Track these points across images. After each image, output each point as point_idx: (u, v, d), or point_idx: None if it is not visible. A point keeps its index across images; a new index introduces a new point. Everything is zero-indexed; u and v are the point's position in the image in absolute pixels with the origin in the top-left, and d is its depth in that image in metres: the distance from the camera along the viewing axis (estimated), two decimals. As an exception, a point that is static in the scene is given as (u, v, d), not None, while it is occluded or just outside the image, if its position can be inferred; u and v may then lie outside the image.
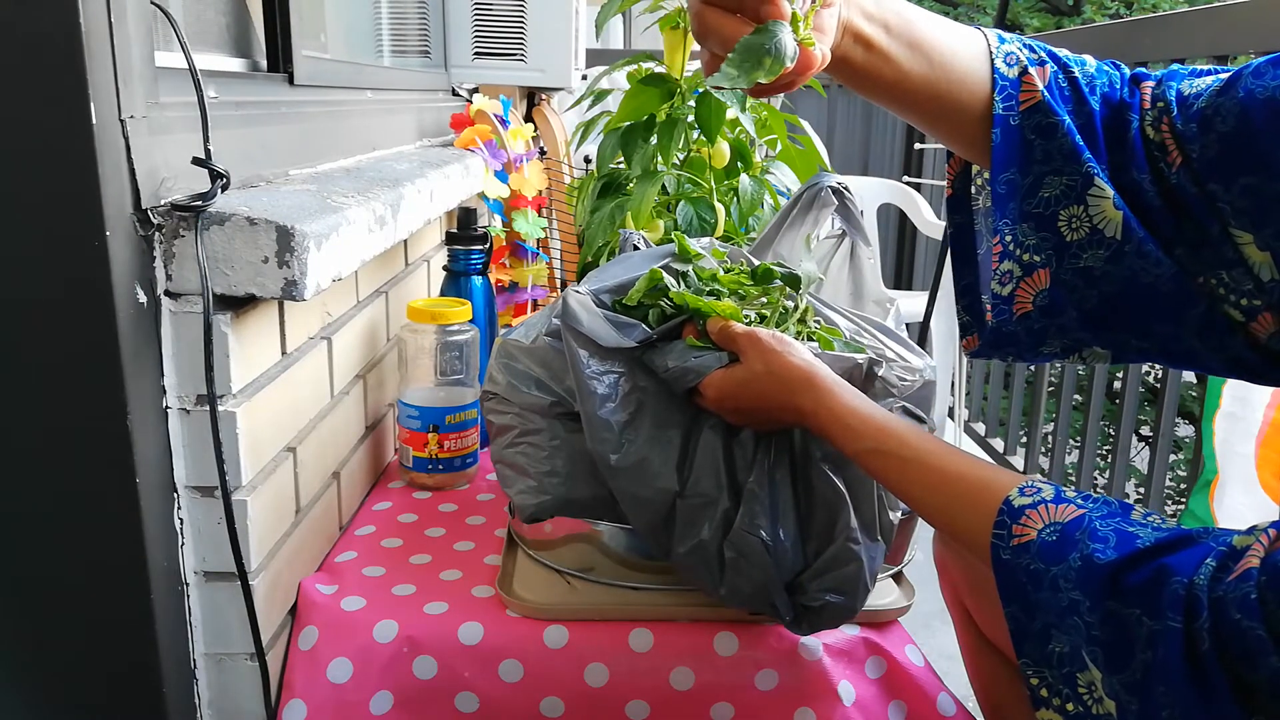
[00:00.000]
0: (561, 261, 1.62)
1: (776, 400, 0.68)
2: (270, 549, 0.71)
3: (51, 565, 0.60)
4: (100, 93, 0.54)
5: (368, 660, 0.71)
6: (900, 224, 3.21)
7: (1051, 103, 0.58)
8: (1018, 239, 0.60)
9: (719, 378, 0.70)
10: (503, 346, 0.81)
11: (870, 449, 0.62)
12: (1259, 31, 1.52)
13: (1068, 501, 0.52)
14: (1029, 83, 0.58)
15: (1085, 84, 0.59)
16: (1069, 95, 0.59)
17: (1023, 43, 0.61)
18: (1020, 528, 0.52)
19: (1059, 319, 0.61)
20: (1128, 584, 0.47)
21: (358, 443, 0.94)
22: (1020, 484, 0.54)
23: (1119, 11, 7.48)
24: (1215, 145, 0.54)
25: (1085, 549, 0.49)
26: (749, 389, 0.69)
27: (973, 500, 0.56)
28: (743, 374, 0.70)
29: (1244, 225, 0.53)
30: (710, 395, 0.71)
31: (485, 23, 1.52)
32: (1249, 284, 0.55)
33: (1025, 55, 0.59)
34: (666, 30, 1.18)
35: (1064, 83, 0.59)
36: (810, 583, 0.69)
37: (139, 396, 0.59)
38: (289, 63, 0.89)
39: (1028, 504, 0.53)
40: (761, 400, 0.69)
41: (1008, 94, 0.59)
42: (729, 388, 0.70)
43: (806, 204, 0.90)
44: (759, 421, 0.71)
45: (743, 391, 0.70)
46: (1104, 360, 0.63)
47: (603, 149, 1.22)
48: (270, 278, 0.62)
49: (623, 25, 5.67)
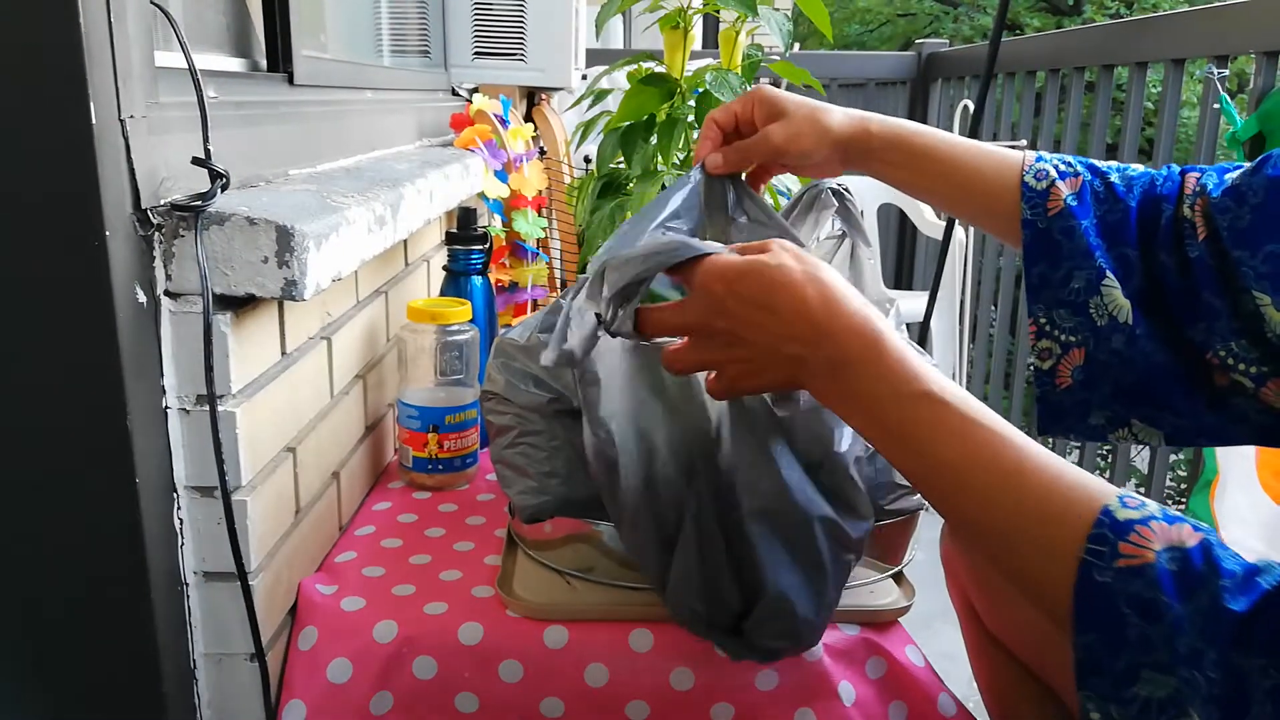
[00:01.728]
0: (561, 261, 1.62)
1: (805, 306, 0.52)
2: (270, 549, 0.71)
3: (51, 565, 0.60)
4: (100, 92, 0.54)
5: (367, 660, 0.71)
6: (900, 224, 3.21)
7: (1074, 209, 0.66)
8: (1054, 322, 0.68)
9: (724, 259, 0.55)
10: (500, 346, 0.81)
11: (925, 392, 0.49)
12: (1259, 31, 1.52)
13: (1180, 521, 0.44)
14: (1055, 194, 0.67)
15: (1122, 185, 0.67)
16: (1103, 198, 0.67)
17: (1060, 159, 0.69)
18: (1130, 546, 0.43)
19: (1097, 392, 0.67)
20: (1259, 635, 0.41)
21: (357, 443, 0.94)
22: (1119, 492, 0.46)
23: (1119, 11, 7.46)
24: (1246, 216, 0.61)
25: (1213, 587, 0.42)
26: (771, 278, 0.53)
27: (1057, 499, 0.46)
28: (768, 260, 0.54)
29: (1264, 289, 0.59)
30: (704, 280, 0.55)
31: (485, 22, 1.52)
32: (1256, 352, 0.61)
33: (1056, 171, 0.68)
34: (666, 30, 1.18)
35: (1099, 188, 0.68)
36: (753, 633, 0.65)
37: (138, 396, 0.59)
38: (289, 62, 0.89)
39: (1135, 519, 0.44)
40: (786, 299, 0.53)
41: (1035, 203, 0.68)
42: (739, 269, 0.54)
43: (807, 205, 0.90)
44: (760, 345, 0.54)
45: (761, 279, 0.53)
46: (1156, 440, 0.68)
47: (603, 149, 1.22)
48: (270, 277, 0.62)
49: (623, 25, 5.68)
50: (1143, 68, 1.94)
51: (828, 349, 0.52)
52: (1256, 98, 1.48)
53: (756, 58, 1.22)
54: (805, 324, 0.53)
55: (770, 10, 1.10)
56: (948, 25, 9.49)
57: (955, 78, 2.99)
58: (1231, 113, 1.50)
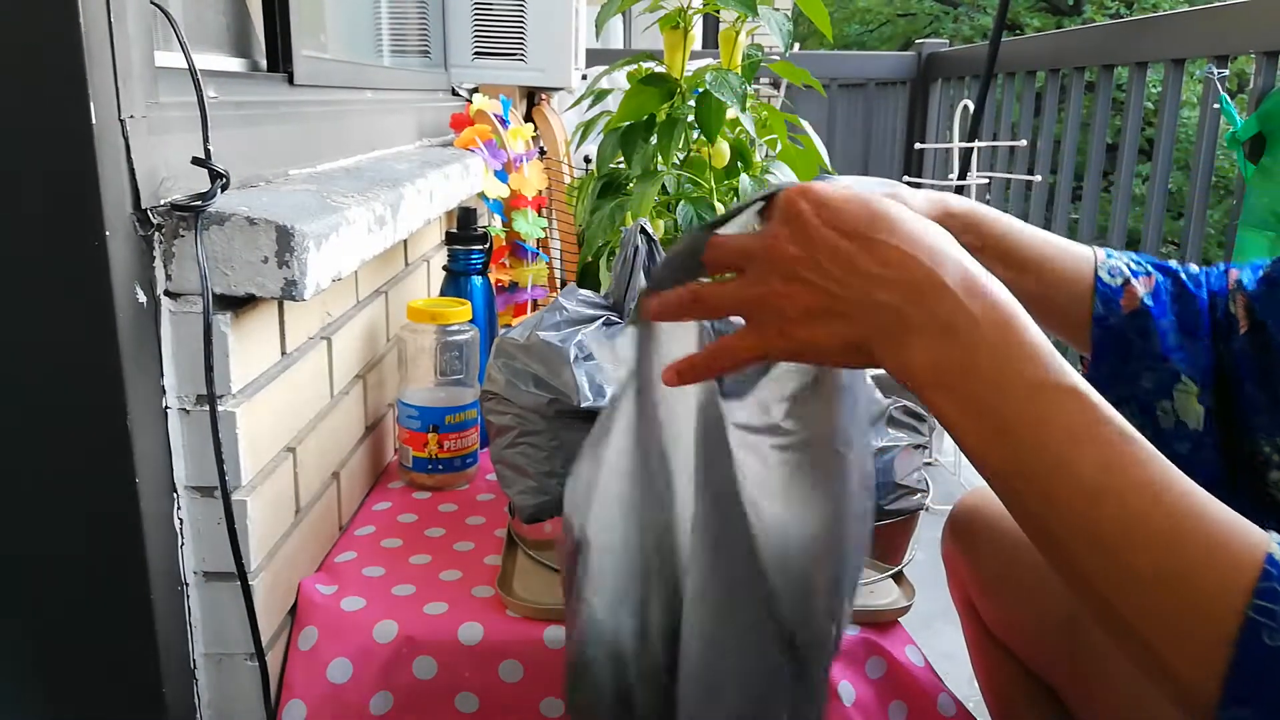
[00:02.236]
0: (561, 261, 1.62)
1: (917, 247, 0.43)
2: (270, 549, 0.71)
3: (51, 565, 0.60)
4: (100, 93, 0.54)
5: (367, 660, 0.71)
6: (900, 224, 3.21)
7: (1151, 309, 0.63)
8: None
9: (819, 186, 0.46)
10: (500, 346, 0.81)
11: (1068, 386, 0.40)
12: (1259, 31, 1.52)
13: None
14: (1131, 292, 0.63)
15: (1191, 283, 0.64)
16: (1176, 296, 0.64)
17: (1130, 258, 0.66)
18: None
19: None
20: None
21: (357, 443, 0.94)
22: (1277, 536, 0.38)
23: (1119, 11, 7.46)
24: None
25: None
26: (876, 207, 0.44)
27: (1217, 541, 0.38)
28: (874, 196, 0.46)
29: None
30: (787, 198, 0.46)
31: (485, 22, 1.52)
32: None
33: (1129, 269, 0.65)
34: (666, 30, 1.18)
35: (1171, 288, 0.64)
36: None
37: (138, 396, 0.59)
38: (289, 62, 0.89)
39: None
40: (893, 234, 0.43)
41: (1109, 299, 0.63)
42: (837, 193, 0.45)
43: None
44: (842, 282, 0.44)
45: (865, 207, 0.44)
46: None
47: (603, 149, 1.22)
48: (270, 277, 0.62)
49: (623, 25, 5.68)
50: (1143, 68, 1.94)
51: (943, 305, 0.42)
52: (1256, 98, 1.48)
53: (756, 58, 1.22)
54: (915, 269, 0.42)
55: (770, 10, 1.10)
56: (948, 25, 9.49)
57: (955, 78, 2.99)
58: (1231, 113, 1.50)
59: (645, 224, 0.84)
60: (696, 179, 1.19)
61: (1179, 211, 3.36)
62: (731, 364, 0.48)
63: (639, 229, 0.83)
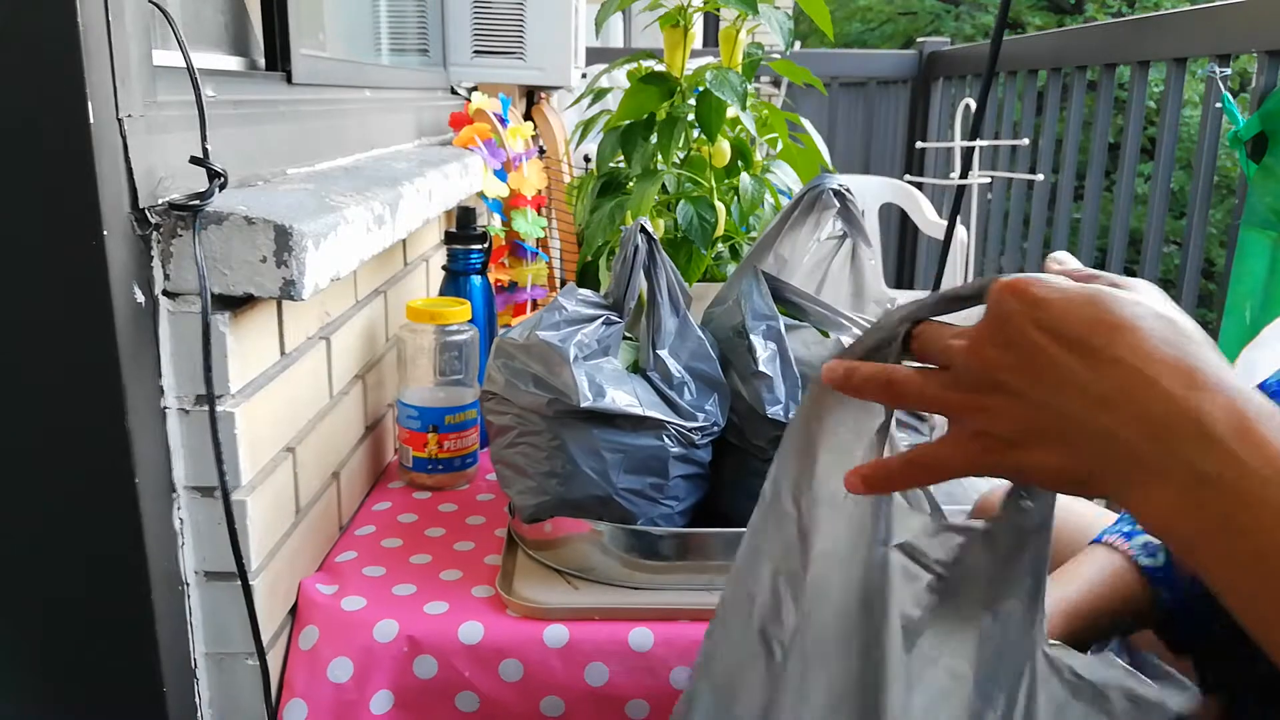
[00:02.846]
0: (561, 261, 1.62)
1: (1159, 367, 0.35)
2: (270, 549, 0.71)
3: (51, 565, 0.60)
4: (98, 91, 0.53)
5: (368, 660, 0.71)
6: (901, 224, 3.21)
7: None
8: None
9: (1035, 275, 0.39)
10: (500, 346, 0.81)
11: None
12: (1259, 31, 1.51)
13: None
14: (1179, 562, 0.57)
15: None
16: None
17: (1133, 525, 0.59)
18: None
19: None
20: None
21: (357, 443, 0.94)
22: None
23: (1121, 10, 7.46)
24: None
25: None
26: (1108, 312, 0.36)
27: None
28: (1105, 289, 0.37)
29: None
30: (999, 292, 0.38)
31: (484, 21, 1.52)
32: None
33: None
34: (666, 28, 1.17)
35: None
36: None
37: (137, 397, 0.59)
38: (287, 61, 0.89)
39: None
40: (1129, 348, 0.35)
41: (1163, 579, 0.57)
42: (1059, 290, 0.37)
43: (808, 206, 0.90)
44: (1052, 404, 0.37)
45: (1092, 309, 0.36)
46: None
47: (602, 148, 1.22)
48: (268, 277, 0.61)
49: (622, 23, 5.67)
50: (1145, 67, 1.94)
51: (1196, 448, 0.34)
52: (1259, 97, 1.48)
53: (757, 56, 1.22)
54: (1156, 398, 0.35)
55: (771, 8, 1.10)
56: (949, 24, 9.49)
57: (957, 76, 2.98)
58: (1234, 112, 1.50)
59: (645, 223, 0.84)
60: (696, 178, 1.19)
61: (1181, 211, 3.35)
62: (931, 480, 0.42)
63: (639, 228, 0.83)
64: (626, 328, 0.84)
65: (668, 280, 0.82)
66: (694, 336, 0.82)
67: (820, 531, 0.47)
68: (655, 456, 0.77)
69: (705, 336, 0.83)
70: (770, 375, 0.79)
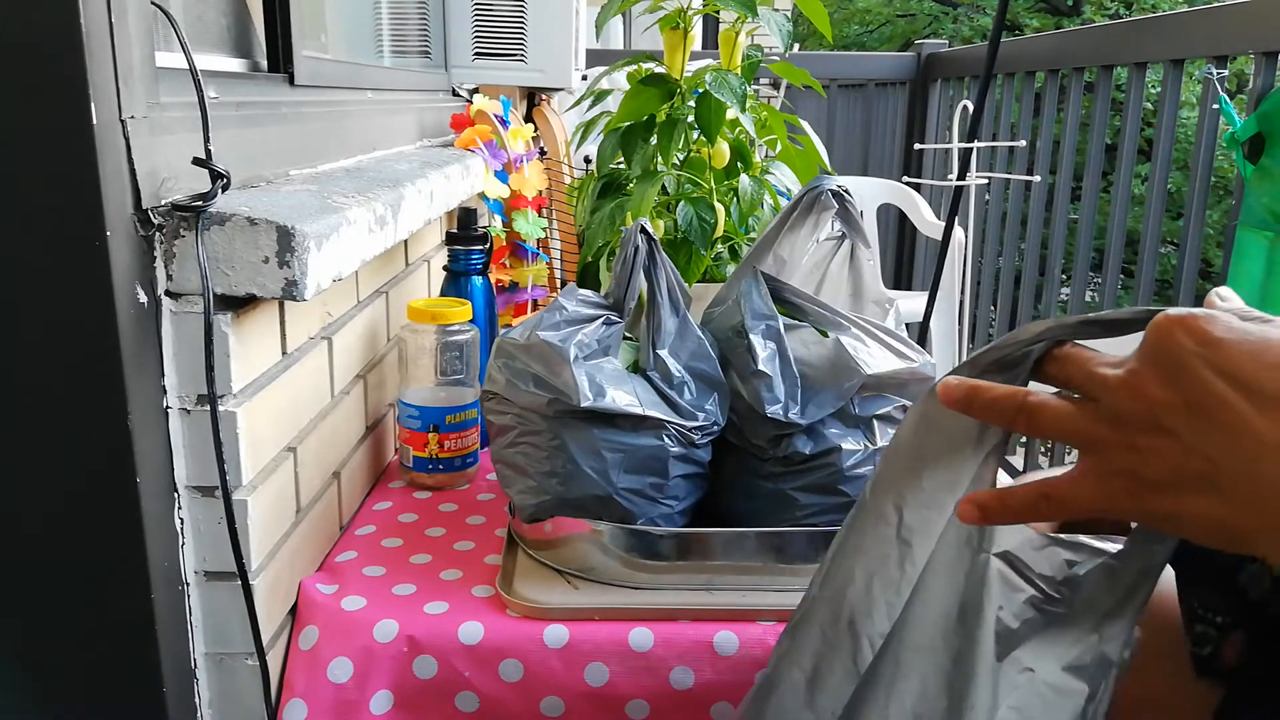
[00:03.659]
0: (561, 261, 1.62)
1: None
2: (270, 549, 0.71)
3: (52, 565, 0.60)
4: (101, 93, 0.54)
5: (368, 660, 0.71)
6: (900, 224, 3.21)
7: None
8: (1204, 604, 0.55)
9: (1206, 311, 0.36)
10: (501, 346, 0.81)
11: None
12: (1259, 31, 1.52)
13: None
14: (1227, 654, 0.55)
15: None
16: None
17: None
18: None
19: None
20: None
21: (358, 443, 0.94)
22: None
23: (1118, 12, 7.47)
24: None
25: None
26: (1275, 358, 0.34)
27: None
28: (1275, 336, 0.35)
29: None
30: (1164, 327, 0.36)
31: (485, 23, 1.52)
32: None
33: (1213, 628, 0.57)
34: (666, 31, 1.18)
35: None
36: None
37: (139, 396, 0.59)
38: (289, 63, 0.89)
39: None
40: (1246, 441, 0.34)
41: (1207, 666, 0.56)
42: (1238, 330, 0.35)
43: (807, 207, 0.90)
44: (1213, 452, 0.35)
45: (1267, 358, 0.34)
46: None
47: (603, 149, 1.22)
48: (270, 278, 0.62)
49: (623, 25, 5.68)
50: (1142, 68, 1.94)
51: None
52: (1256, 98, 1.48)
53: (756, 58, 1.22)
54: None
55: (770, 11, 1.10)
56: (947, 26, 9.50)
57: (955, 78, 2.99)
58: (1231, 113, 1.50)
59: (645, 224, 0.84)
60: (696, 179, 1.19)
61: (1178, 212, 3.36)
62: (1056, 517, 0.39)
63: (639, 229, 0.83)
64: (626, 328, 0.84)
65: (668, 280, 0.83)
66: (694, 336, 0.82)
67: (921, 539, 0.47)
68: (655, 456, 0.77)
69: (705, 336, 0.83)
70: (770, 375, 0.79)
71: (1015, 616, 0.45)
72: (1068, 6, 7.14)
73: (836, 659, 0.49)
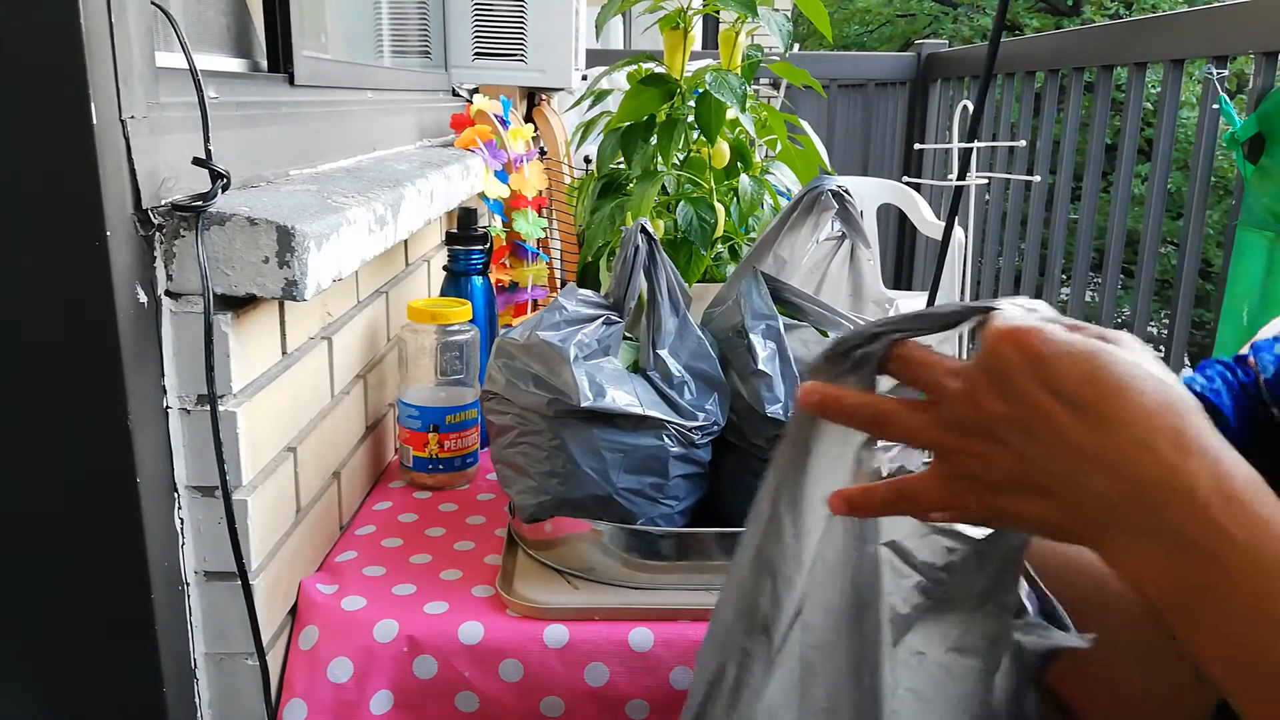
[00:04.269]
0: (561, 261, 1.62)
1: (1157, 434, 0.35)
2: (270, 549, 0.71)
3: (51, 565, 0.60)
4: (101, 93, 0.54)
5: (368, 660, 0.71)
6: (900, 224, 3.21)
7: None
8: None
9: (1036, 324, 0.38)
10: (501, 346, 0.81)
11: None
12: (1258, 32, 1.52)
13: None
14: None
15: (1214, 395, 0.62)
16: None
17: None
18: None
19: None
20: None
21: (358, 442, 0.94)
22: None
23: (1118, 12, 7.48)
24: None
25: None
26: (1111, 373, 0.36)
27: None
28: (1110, 349, 0.37)
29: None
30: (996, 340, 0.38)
31: (485, 23, 1.52)
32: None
33: None
34: (666, 31, 1.18)
35: None
36: None
37: (139, 396, 0.59)
38: (289, 63, 0.89)
39: None
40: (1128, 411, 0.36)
41: None
42: (1061, 342, 0.37)
43: (807, 207, 0.90)
44: (1042, 459, 0.37)
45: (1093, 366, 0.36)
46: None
47: (603, 149, 1.22)
48: (271, 278, 0.62)
49: (623, 25, 5.68)
50: (1142, 68, 1.94)
51: (1179, 514, 0.34)
52: (1256, 98, 1.48)
53: (756, 58, 1.22)
54: (1147, 463, 0.35)
55: (770, 11, 1.10)
56: (947, 26, 9.50)
57: (955, 78, 2.99)
58: (1230, 113, 1.50)
59: (645, 224, 0.84)
60: (696, 179, 1.19)
61: (1178, 212, 3.36)
62: (912, 511, 0.43)
63: (639, 229, 0.83)
64: (626, 328, 0.84)
65: (668, 280, 0.83)
66: (694, 336, 0.82)
67: (812, 536, 0.48)
68: (655, 456, 0.77)
69: (705, 336, 0.83)
70: (770, 374, 0.79)
71: (905, 602, 0.49)
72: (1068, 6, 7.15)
73: (749, 666, 0.50)
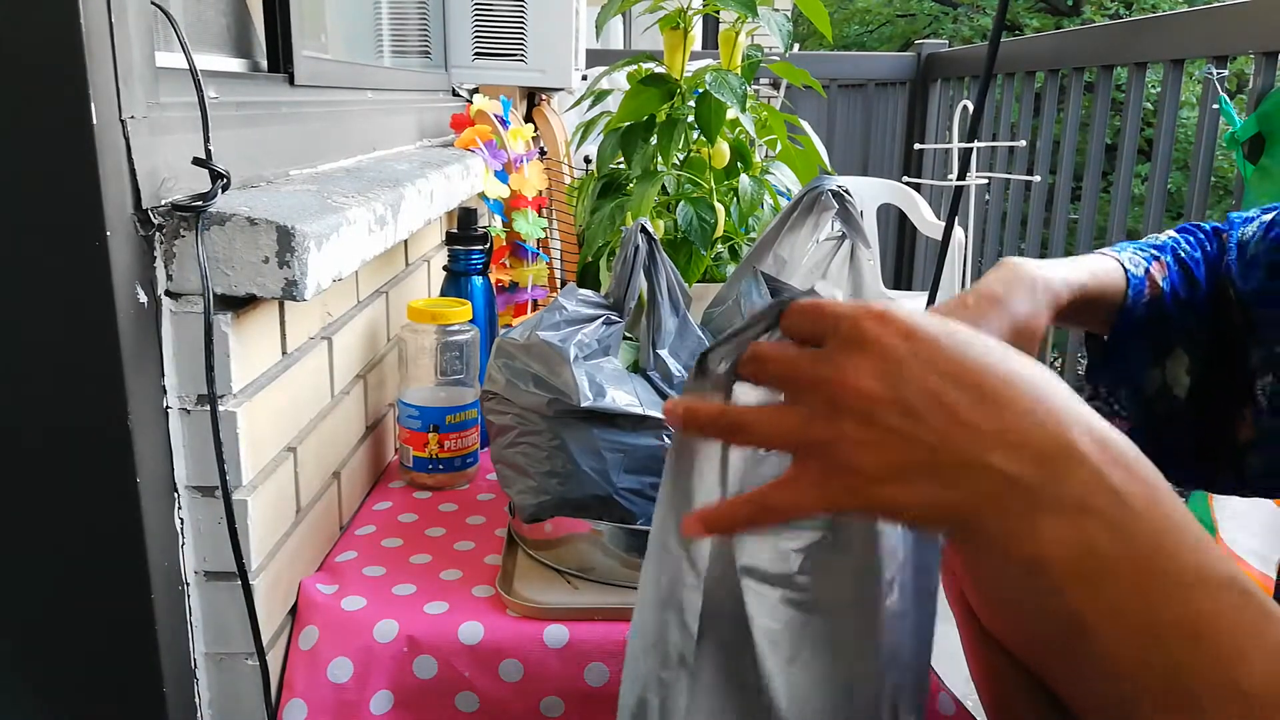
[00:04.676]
0: (561, 261, 1.62)
1: (1046, 403, 0.35)
2: (270, 549, 0.71)
3: (52, 565, 0.60)
4: (100, 93, 0.54)
5: (368, 660, 0.71)
6: (900, 224, 3.21)
7: (1166, 293, 0.65)
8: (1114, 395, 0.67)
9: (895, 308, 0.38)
10: (501, 346, 0.81)
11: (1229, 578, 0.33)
12: (1258, 31, 1.52)
13: None
14: (1152, 278, 0.65)
15: (1198, 246, 0.68)
16: (1179, 272, 0.66)
17: (1135, 247, 0.68)
18: None
19: None
20: None
21: (358, 442, 0.94)
22: None
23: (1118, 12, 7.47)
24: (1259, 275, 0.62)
25: None
26: (991, 349, 0.36)
27: None
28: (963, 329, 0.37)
29: None
30: (858, 318, 0.37)
31: (485, 23, 1.52)
32: None
33: (1144, 256, 0.67)
34: (666, 31, 1.18)
35: (1175, 265, 0.67)
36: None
37: (139, 396, 0.59)
38: (289, 63, 0.89)
39: None
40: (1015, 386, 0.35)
41: (1138, 289, 0.65)
42: (930, 322, 0.37)
43: (807, 207, 0.90)
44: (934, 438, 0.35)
45: (973, 345, 0.36)
46: None
47: (603, 149, 1.22)
48: (270, 278, 0.62)
49: (623, 25, 5.68)
50: (1142, 68, 1.94)
51: (1077, 477, 0.34)
52: (1255, 98, 1.48)
53: (756, 58, 1.22)
54: (1040, 430, 0.34)
55: (770, 11, 1.10)
56: (947, 26, 9.50)
57: (955, 78, 2.99)
58: (1230, 113, 1.50)
59: (645, 224, 0.84)
60: (696, 179, 1.19)
61: (1178, 212, 3.36)
62: (780, 521, 0.39)
63: (639, 229, 0.83)
64: (626, 328, 0.84)
65: (668, 280, 0.83)
66: (694, 336, 0.82)
67: (700, 563, 0.47)
68: (655, 456, 0.77)
69: (705, 336, 0.83)
70: (770, 376, 0.79)
71: (774, 619, 0.46)
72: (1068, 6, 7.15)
73: (677, 694, 0.48)
